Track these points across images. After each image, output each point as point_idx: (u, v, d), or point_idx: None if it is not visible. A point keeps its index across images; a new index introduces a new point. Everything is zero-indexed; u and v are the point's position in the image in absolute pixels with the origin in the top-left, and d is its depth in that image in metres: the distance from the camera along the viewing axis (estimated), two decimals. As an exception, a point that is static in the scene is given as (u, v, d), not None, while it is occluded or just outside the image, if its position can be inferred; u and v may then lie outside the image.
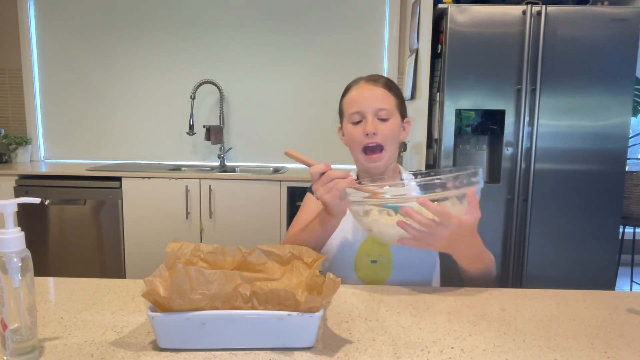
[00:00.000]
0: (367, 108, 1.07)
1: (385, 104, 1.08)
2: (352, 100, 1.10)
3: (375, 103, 1.07)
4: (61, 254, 2.51)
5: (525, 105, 2.16)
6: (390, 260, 1.08)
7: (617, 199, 2.21)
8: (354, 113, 1.08)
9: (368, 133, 1.05)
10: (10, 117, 3.01)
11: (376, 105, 1.07)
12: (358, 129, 1.08)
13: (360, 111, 1.08)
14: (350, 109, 1.09)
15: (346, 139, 1.13)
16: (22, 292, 0.63)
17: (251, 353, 0.67)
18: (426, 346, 0.70)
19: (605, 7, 2.13)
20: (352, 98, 1.10)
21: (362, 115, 1.08)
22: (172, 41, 2.91)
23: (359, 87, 1.11)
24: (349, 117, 1.10)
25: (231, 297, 0.67)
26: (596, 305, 0.88)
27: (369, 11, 2.85)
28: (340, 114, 1.16)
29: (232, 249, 0.85)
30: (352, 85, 1.14)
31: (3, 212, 0.62)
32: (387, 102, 1.08)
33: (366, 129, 1.05)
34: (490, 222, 2.25)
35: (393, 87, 1.13)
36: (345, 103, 1.13)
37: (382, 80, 1.12)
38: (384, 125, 1.07)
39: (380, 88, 1.09)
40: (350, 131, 1.09)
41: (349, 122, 1.10)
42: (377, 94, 1.08)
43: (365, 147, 1.07)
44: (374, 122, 1.06)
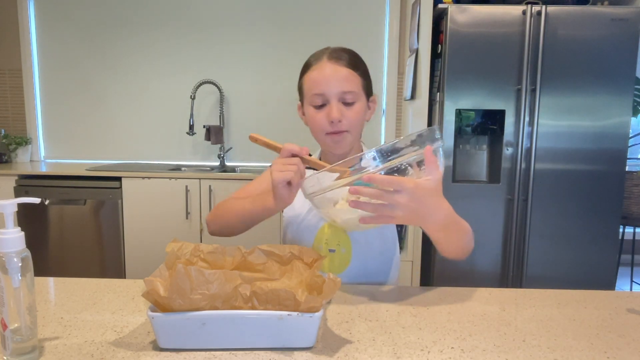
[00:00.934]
0: (331, 91, 0.97)
1: (350, 86, 0.98)
2: (314, 81, 0.99)
3: (339, 85, 0.97)
4: (61, 254, 2.50)
5: (525, 105, 2.16)
6: (350, 250, 1.01)
7: (617, 199, 2.21)
8: (316, 95, 0.99)
9: (333, 120, 0.97)
10: (10, 117, 3.01)
11: (341, 87, 0.97)
12: (321, 114, 0.99)
13: (323, 94, 0.98)
14: (312, 90, 0.99)
15: (308, 122, 1.04)
16: (22, 292, 0.63)
17: (251, 353, 0.67)
18: (426, 346, 0.70)
19: (605, 7, 2.13)
20: (314, 78, 0.99)
21: (325, 99, 0.98)
22: (172, 41, 2.91)
23: (321, 65, 1.00)
24: (310, 98, 1.00)
25: (231, 297, 0.67)
26: (596, 305, 0.88)
27: (369, 11, 2.85)
28: (300, 92, 1.06)
29: (232, 248, 0.85)
30: (314, 62, 1.02)
31: (3, 212, 0.62)
32: (353, 84, 0.99)
33: (331, 115, 0.97)
34: (490, 222, 2.25)
35: (358, 65, 1.03)
36: (306, 82, 1.02)
37: (346, 57, 1.02)
38: (350, 111, 0.99)
39: (345, 67, 0.99)
40: (313, 115, 1.01)
41: (311, 104, 1.00)
42: (341, 74, 0.98)
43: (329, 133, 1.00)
44: (339, 107, 0.98)
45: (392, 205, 0.74)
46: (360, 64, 1.04)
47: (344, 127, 0.99)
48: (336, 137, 1.00)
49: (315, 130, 1.02)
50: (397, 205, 0.74)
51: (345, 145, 1.02)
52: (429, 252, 2.38)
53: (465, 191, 2.25)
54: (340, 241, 1.01)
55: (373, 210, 0.76)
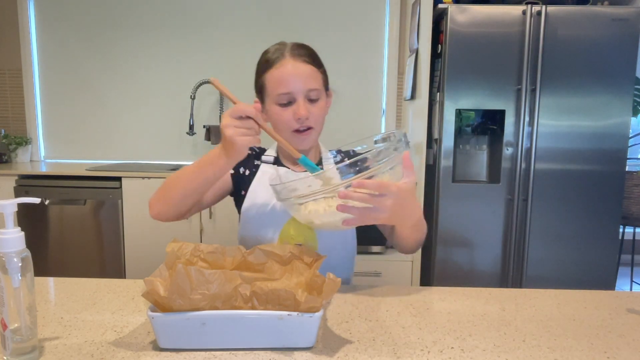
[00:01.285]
0: (298, 89, 0.99)
1: (315, 84, 1.00)
2: (280, 80, 0.99)
3: (305, 83, 0.99)
4: (61, 254, 2.50)
5: (525, 105, 2.16)
6: (316, 245, 1.01)
7: (617, 199, 2.21)
8: (283, 94, 0.99)
9: (300, 117, 0.98)
10: (10, 117, 3.01)
11: (307, 85, 0.99)
12: (288, 112, 0.99)
13: (290, 92, 0.99)
14: (278, 90, 0.99)
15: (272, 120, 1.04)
16: (22, 292, 0.63)
17: (251, 353, 0.67)
18: (426, 346, 0.70)
19: (605, 7, 2.13)
20: (280, 77, 0.99)
21: (291, 97, 0.99)
22: (172, 41, 2.91)
23: (285, 63, 1.00)
24: (276, 98, 1.00)
25: (231, 297, 0.67)
26: (596, 305, 0.88)
27: (369, 11, 2.85)
28: (261, 90, 1.05)
29: (232, 248, 0.85)
30: (275, 59, 1.01)
31: (3, 212, 0.62)
32: (316, 81, 1.01)
33: (299, 113, 0.98)
34: (490, 222, 2.25)
35: (318, 61, 1.05)
36: (269, 81, 1.01)
37: (306, 53, 1.03)
38: (315, 107, 1.01)
39: (308, 65, 1.01)
40: (279, 113, 1.01)
41: (276, 103, 1.00)
42: (305, 71, 1.00)
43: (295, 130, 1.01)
44: (305, 105, 0.99)
45: (378, 208, 0.78)
46: (319, 60, 1.06)
47: (310, 124, 1.01)
48: (303, 135, 1.01)
49: (281, 128, 1.02)
50: (382, 208, 0.78)
51: (311, 141, 1.04)
52: (429, 252, 2.38)
53: (465, 191, 2.25)
54: (307, 237, 1.01)
55: (360, 214, 0.78)
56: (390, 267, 2.35)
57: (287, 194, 0.81)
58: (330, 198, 0.80)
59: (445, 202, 2.25)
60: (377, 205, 0.77)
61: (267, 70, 1.02)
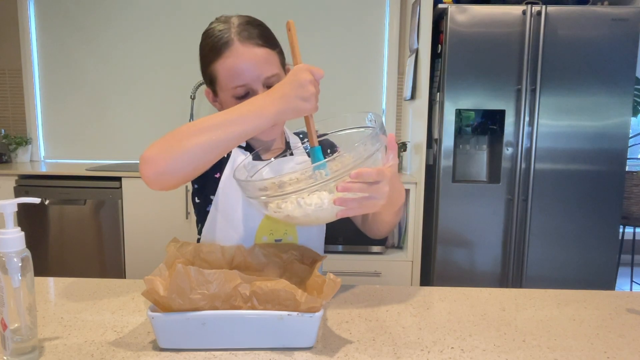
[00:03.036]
0: (254, 79, 0.87)
1: (272, 68, 0.89)
2: (232, 72, 0.87)
3: (262, 70, 0.88)
4: (61, 254, 2.50)
5: (525, 105, 2.16)
6: (296, 238, 0.93)
7: (617, 199, 2.21)
8: (239, 87, 0.88)
9: None
10: (10, 117, 3.01)
11: (264, 72, 0.88)
12: None
13: (247, 84, 0.88)
14: (233, 82, 0.88)
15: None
16: (22, 292, 0.63)
17: (251, 353, 0.67)
18: (426, 346, 0.70)
19: (605, 7, 2.13)
20: (232, 68, 0.87)
21: (248, 88, 0.88)
22: (172, 41, 2.91)
23: (235, 50, 0.87)
24: (231, 91, 0.89)
25: (231, 297, 0.67)
26: (596, 305, 0.88)
27: (369, 11, 2.85)
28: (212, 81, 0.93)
29: (232, 248, 0.85)
30: (223, 46, 0.89)
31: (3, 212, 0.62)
32: (274, 64, 0.90)
33: None
34: (490, 222, 2.25)
35: (270, 39, 0.92)
36: (221, 72, 0.89)
37: (256, 32, 0.91)
38: None
39: (262, 47, 0.89)
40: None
41: (232, 96, 0.89)
42: (260, 57, 0.88)
43: None
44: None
45: (376, 196, 0.72)
46: (273, 38, 0.93)
47: None
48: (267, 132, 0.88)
49: None
50: (381, 195, 0.72)
51: (277, 131, 0.95)
52: (429, 252, 2.38)
53: (465, 191, 2.25)
54: (287, 230, 0.93)
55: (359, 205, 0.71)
56: (390, 267, 2.35)
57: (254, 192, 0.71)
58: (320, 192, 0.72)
59: (445, 202, 2.25)
60: (375, 193, 0.71)
61: (215, 59, 0.90)
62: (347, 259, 2.33)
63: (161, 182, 0.73)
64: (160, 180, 0.73)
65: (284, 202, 0.71)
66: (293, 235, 0.94)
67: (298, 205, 0.71)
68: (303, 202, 0.71)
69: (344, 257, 2.33)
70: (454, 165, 2.26)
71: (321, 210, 0.72)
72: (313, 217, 0.73)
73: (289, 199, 0.71)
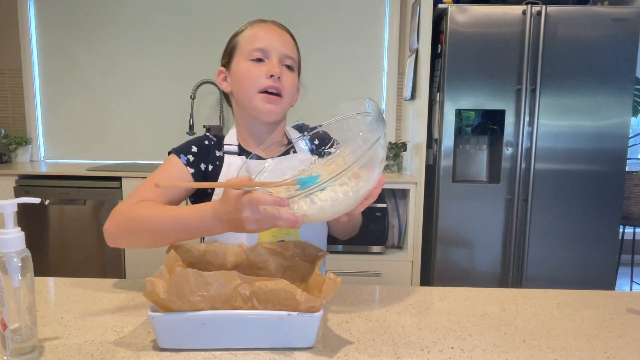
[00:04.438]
0: (274, 48, 0.92)
1: (292, 52, 0.95)
2: (257, 36, 0.92)
3: (283, 47, 0.93)
4: (61, 254, 2.50)
5: (525, 105, 2.16)
6: (298, 236, 0.95)
7: (617, 199, 2.21)
8: (258, 49, 0.91)
9: (273, 74, 0.89)
10: (10, 117, 3.01)
11: (284, 49, 0.93)
12: (260, 68, 0.91)
13: (266, 49, 0.91)
14: (254, 44, 0.91)
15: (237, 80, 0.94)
16: (22, 292, 0.63)
17: (251, 353, 0.67)
18: (426, 346, 0.70)
19: (605, 7, 2.13)
20: (257, 34, 0.93)
21: (266, 55, 0.92)
22: (172, 41, 2.91)
23: (267, 26, 0.95)
24: (248, 53, 0.92)
25: (231, 298, 0.67)
26: (596, 305, 0.88)
27: (369, 11, 2.85)
28: (231, 53, 0.96)
29: (233, 246, 0.85)
30: (256, 22, 0.96)
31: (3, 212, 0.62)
32: (294, 52, 0.96)
33: (272, 69, 0.90)
34: (490, 222, 2.25)
35: (296, 41, 1.00)
36: (244, 38, 0.94)
37: (288, 30, 0.99)
38: (289, 74, 0.93)
39: (289, 35, 0.96)
40: (248, 69, 0.91)
41: (248, 58, 0.92)
42: (285, 38, 0.95)
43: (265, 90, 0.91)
44: (280, 66, 0.92)
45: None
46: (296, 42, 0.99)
47: (282, 88, 0.92)
48: (271, 98, 0.91)
49: (247, 87, 0.92)
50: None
51: (277, 110, 0.93)
52: (429, 252, 2.38)
53: (465, 191, 2.25)
54: (289, 230, 0.93)
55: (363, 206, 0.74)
56: (390, 267, 2.35)
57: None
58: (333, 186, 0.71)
59: (445, 202, 2.25)
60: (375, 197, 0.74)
61: (245, 28, 0.96)
62: (347, 259, 2.33)
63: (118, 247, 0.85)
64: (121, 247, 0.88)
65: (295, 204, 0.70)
66: (295, 234, 0.94)
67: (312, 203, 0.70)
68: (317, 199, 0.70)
69: (344, 257, 2.33)
70: (454, 165, 2.26)
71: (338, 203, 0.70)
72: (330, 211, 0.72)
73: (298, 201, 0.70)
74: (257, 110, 0.93)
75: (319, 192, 0.70)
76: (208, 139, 1.01)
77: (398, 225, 2.42)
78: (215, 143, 1.01)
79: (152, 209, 0.81)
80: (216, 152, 0.99)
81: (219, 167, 0.96)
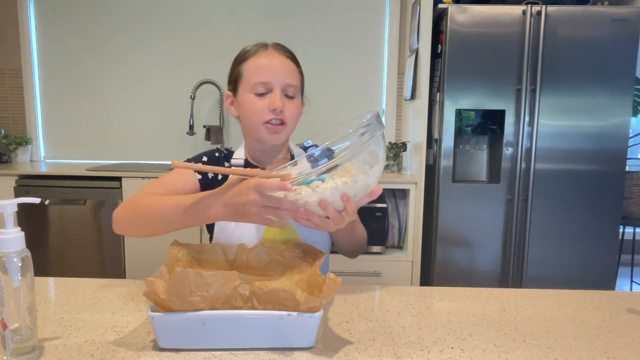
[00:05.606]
0: (276, 80, 0.96)
1: (293, 80, 0.99)
2: (260, 68, 0.97)
3: (284, 77, 0.97)
4: (61, 254, 2.50)
5: (525, 105, 2.16)
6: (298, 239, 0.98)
7: (617, 199, 2.21)
8: (260, 83, 0.96)
9: (276, 109, 0.95)
10: (10, 117, 3.01)
11: (286, 79, 0.97)
12: (263, 101, 0.96)
13: (268, 82, 0.96)
14: (256, 78, 0.96)
15: (243, 110, 1.00)
16: (22, 292, 0.63)
17: (251, 353, 0.67)
18: (426, 346, 0.70)
19: (605, 7, 2.13)
20: (260, 65, 0.97)
21: (269, 88, 0.97)
22: (172, 41, 2.91)
23: (268, 54, 0.99)
24: (252, 86, 0.97)
25: (230, 298, 0.67)
26: (596, 305, 0.88)
27: (369, 11, 2.85)
28: (236, 80, 1.02)
29: (233, 247, 0.85)
30: (258, 50, 1.00)
31: (3, 212, 0.62)
32: (295, 78, 1.00)
33: (274, 103, 0.95)
34: (490, 222, 2.25)
35: (298, 62, 1.04)
36: (247, 69, 0.99)
37: (289, 50, 1.03)
38: (291, 103, 0.99)
39: (290, 61, 1.00)
40: (253, 103, 0.97)
41: (251, 91, 0.97)
42: (287, 66, 0.99)
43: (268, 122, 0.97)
44: (282, 97, 0.97)
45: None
46: (298, 61, 1.04)
47: (284, 119, 0.97)
48: (275, 128, 0.97)
49: (252, 119, 0.98)
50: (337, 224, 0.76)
51: (282, 137, 0.99)
52: (429, 252, 2.38)
53: (465, 191, 2.25)
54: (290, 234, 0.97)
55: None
56: (390, 267, 2.35)
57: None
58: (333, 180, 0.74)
59: (445, 202, 2.25)
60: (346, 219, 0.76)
61: (246, 59, 1.00)
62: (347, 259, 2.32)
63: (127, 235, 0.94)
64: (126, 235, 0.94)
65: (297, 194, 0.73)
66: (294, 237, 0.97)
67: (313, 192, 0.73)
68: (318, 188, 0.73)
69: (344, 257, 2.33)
70: (454, 165, 2.26)
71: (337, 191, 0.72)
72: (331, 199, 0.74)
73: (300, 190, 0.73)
74: (262, 138, 1.00)
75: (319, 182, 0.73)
76: (219, 151, 1.08)
77: (398, 225, 2.43)
78: (225, 156, 1.08)
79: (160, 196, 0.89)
80: (225, 163, 1.06)
81: (226, 178, 1.00)
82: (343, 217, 0.75)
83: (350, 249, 1.07)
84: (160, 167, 2.74)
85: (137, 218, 0.88)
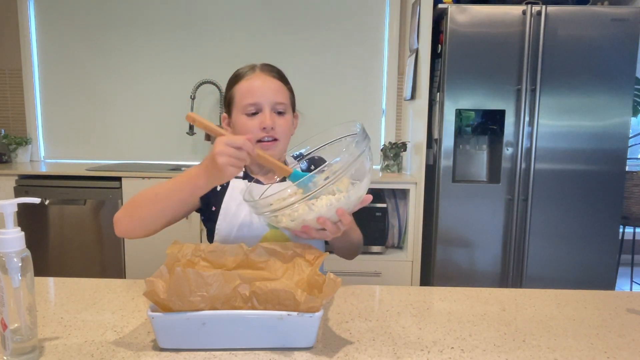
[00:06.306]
0: (265, 100, 1.03)
1: (282, 98, 1.05)
2: (248, 91, 1.04)
3: (273, 96, 1.04)
4: (61, 254, 2.50)
5: (525, 105, 2.16)
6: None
7: (617, 199, 2.21)
8: (250, 104, 1.03)
9: (266, 127, 1.01)
10: (10, 117, 3.01)
11: (274, 98, 1.04)
12: (254, 121, 1.03)
13: (257, 103, 1.03)
14: (246, 100, 1.04)
15: (237, 130, 1.06)
16: (22, 292, 0.63)
17: (251, 353, 0.67)
18: (426, 346, 0.70)
19: (605, 7, 2.13)
20: (248, 88, 1.05)
21: (258, 108, 1.03)
22: (172, 41, 2.91)
23: (255, 76, 1.06)
24: (243, 108, 1.04)
25: (231, 298, 0.67)
26: (596, 305, 0.88)
27: (369, 11, 2.85)
28: (229, 103, 1.09)
29: (233, 247, 0.85)
30: (246, 73, 1.08)
31: (3, 212, 0.62)
32: (284, 96, 1.06)
33: (264, 122, 1.01)
34: (490, 222, 2.25)
35: (286, 80, 1.11)
36: (238, 92, 1.06)
37: (276, 70, 1.10)
38: (281, 119, 1.05)
39: (277, 80, 1.07)
40: (245, 123, 1.04)
41: (243, 113, 1.04)
42: (274, 86, 1.06)
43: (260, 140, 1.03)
44: (272, 115, 1.03)
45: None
46: (287, 80, 1.11)
47: (276, 135, 1.03)
48: (267, 145, 1.03)
49: None
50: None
51: (275, 153, 1.04)
52: (429, 252, 2.38)
53: (465, 191, 2.25)
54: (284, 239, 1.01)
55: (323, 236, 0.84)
56: (390, 267, 2.35)
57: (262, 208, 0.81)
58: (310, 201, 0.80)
59: (445, 202, 2.25)
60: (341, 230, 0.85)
61: (236, 83, 1.07)
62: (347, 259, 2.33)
63: (128, 237, 0.94)
64: (127, 236, 0.94)
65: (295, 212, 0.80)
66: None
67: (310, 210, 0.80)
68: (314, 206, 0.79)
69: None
70: (454, 165, 2.26)
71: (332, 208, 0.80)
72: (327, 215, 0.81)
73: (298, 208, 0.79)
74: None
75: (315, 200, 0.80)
76: None
77: (398, 225, 2.42)
78: None
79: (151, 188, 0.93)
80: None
81: (225, 188, 1.06)
82: (339, 228, 0.83)
83: (346, 251, 1.09)
84: (160, 167, 2.74)
85: (134, 210, 0.92)
